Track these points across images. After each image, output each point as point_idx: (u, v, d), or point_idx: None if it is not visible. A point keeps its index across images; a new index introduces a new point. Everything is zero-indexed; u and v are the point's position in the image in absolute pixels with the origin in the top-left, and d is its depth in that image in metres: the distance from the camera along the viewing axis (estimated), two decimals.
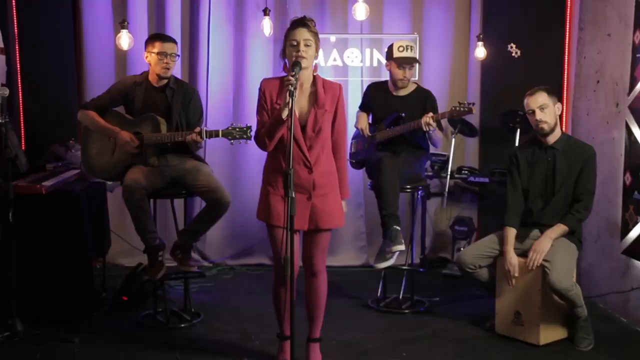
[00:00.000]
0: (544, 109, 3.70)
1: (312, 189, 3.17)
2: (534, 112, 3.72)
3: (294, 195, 2.91)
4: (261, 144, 3.19)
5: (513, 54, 5.14)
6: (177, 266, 4.10)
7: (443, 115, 4.11)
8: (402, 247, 3.98)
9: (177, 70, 4.97)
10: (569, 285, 3.58)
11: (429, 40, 5.37)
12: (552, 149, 3.78)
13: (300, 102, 3.17)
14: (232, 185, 4.82)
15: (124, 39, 4.70)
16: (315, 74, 3.24)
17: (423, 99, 4.29)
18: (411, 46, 4.24)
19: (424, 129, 4.05)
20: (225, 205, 3.89)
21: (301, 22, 3.13)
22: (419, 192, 4.48)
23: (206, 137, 3.78)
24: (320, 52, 5.15)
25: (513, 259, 3.72)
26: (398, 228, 3.98)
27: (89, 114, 3.99)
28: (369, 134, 4.36)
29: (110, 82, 4.94)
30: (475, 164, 5.43)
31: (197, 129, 3.79)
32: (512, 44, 5.14)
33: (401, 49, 4.22)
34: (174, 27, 5.17)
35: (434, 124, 4.05)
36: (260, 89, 3.23)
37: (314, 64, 3.20)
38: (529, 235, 3.82)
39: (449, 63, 5.41)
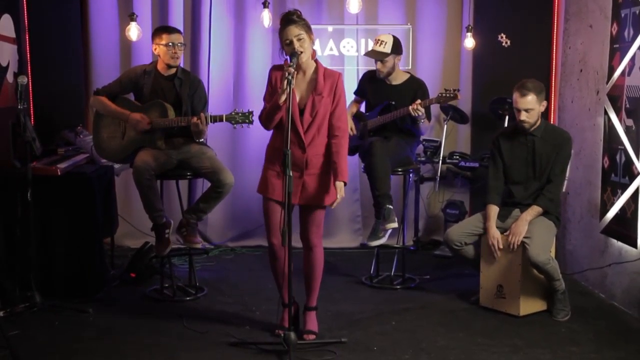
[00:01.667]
0: (530, 111, 3.93)
1: (305, 168, 3.44)
2: (519, 111, 3.94)
3: (291, 174, 3.20)
4: (263, 123, 3.51)
5: (503, 44, 5.32)
6: (182, 243, 4.33)
7: (430, 101, 4.32)
8: (395, 225, 4.19)
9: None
10: (545, 259, 3.81)
11: (422, 31, 5.52)
12: (531, 136, 4.01)
13: (301, 88, 3.43)
14: (233, 170, 4.94)
15: (133, 31, 4.90)
16: (315, 58, 3.46)
17: (414, 89, 4.46)
18: (382, 41, 4.40)
19: (413, 114, 4.26)
20: (229, 185, 4.10)
21: (289, 20, 3.35)
22: (410, 175, 4.68)
23: (211, 122, 3.99)
24: (318, 42, 5.39)
25: (496, 233, 3.96)
26: (390, 207, 4.20)
27: (100, 99, 4.19)
28: (354, 133, 4.55)
29: (116, 71, 5.22)
30: (467, 149, 5.60)
31: (202, 115, 3.99)
32: (502, 35, 5.32)
33: (375, 42, 4.44)
34: (177, 18, 5.32)
35: (422, 110, 4.25)
36: (269, 73, 3.50)
37: (311, 51, 3.44)
38: (510, 214, 4.06)
39: (441, 53, 5.56)
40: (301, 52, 3.33)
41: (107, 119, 4.23)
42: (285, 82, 3.23)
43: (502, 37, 5.34)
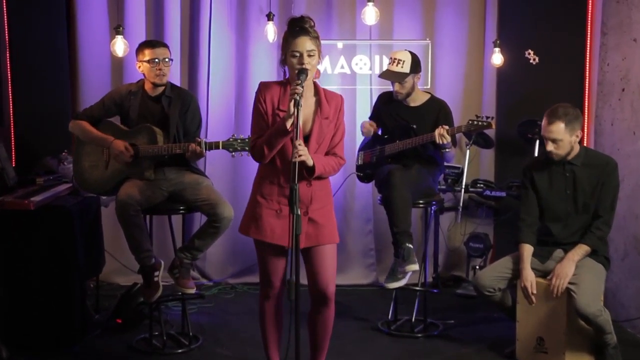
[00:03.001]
0: (558, 142, 3.46)
1: (310, 203, 2.96)
2: (546, 140, 3.50)
3: (299, 212, 2.70)
4: (258, 155, 2.95)
5: (531, 61, 4.94)
6: (174, 286, 3.85)
7: (459, 129, 3.89)
8: (416, 267, 3.77)
9: (176, 78, 4.86)
10: (597, 310, 3.32)
11: (442, 46, 5.15)
12: (570, 165, 3.54)
13: (304, 112, 2.94)
14: (234, 199, 4.64)
15: (119, 45, 4.49)
16: (315, 80, 3.00)
17: (436, 111, 4.05)
18: (398, 59, 3.98)
19: (437, 141, 3.82)
20: (227, 219, 3.68)
21: (302, 30, 2.87)
22: (432, 208, 4.25)
23: (206, 149, 3.59)
24: (327, 59, 5.03)
25: (529, 276, 3.49)
26: (411, 246, 3.77)
27: (80, 123, 3.80)
28: (375, 129, 4.18)
29: (107, 90, 4.73)
30: (491, 176, 5.21)
31: (198, 140, 3.58)
32: (529, 51, 4.94)
33: (390, 61, 4.03)
34: (173, 32, 4.97)
35: (449, 137, 3.81)
36: (258, 92, 2.98)
37: (316, 71, 2.99)
38: (551, 255, 3.58)
39: (462, 70, 5.19)
40: (308, 70, 2.86)
41: (89, 146, 3.83)
42: (292, 102, 2.75)
43: (529, 54, 4.95)
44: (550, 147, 3.48)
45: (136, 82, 3.85)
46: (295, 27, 2.86)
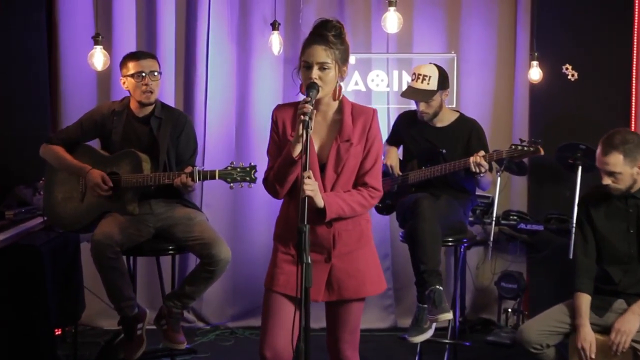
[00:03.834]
0: (616, 175, 3.00)
1: (332, 247, 2.53)
2: (602, 173, 3.05)
3: (309, 261, 2.22)
4: (271, 190, 2.57)
5: (569, 77, 4.55)
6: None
7: (499, 154, 3.41)
8: (450, 316, 3.29)
9: (169, 96, 4.46)
10: None
11: (468, 60, 4.74)
12: (634, 199, 3.07)
13: (320, 134, 2.54)
14: (234, 237, 4.28)
15: (98, 58, 4.05)
16: (339, 99, 2.56)
17: (467, 132, 3.62)
18: (423, 75, 3.54)
19: (473, 170, 3.37)
20: (224, 262, 3.27)
21: (320, 37, 2.46)
22: (463, 246, 3.78)
23: (200, 179, 3.14)
24: None
25: (588, 335, 2.99)
26: (441, 289, 3.29)
27: (53, 148, 3.39)
28: (399, 173, 3.71)
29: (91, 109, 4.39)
30: (523, 207, 4.75)
31: (188, 169, 3.14)
32: (567, 65, 4.55)
33: (413, 77, 3.59)
34: (167, 44, 4.59)
35: (486, 165, 3.35)
36: (272, 120, 2.62)
37: (337, 86, 2.53)
38: (610, 307, 3.07)
39: (491, 87, 4.79)
40: (319, 87, 2.46)
41: (63, 175, 3.40)
42: (301, 125, 2.32)
43: (567, 69, 4.56)
44: (606, 180, 3.03)
45: (120, 100, 3.44)
46: (314, 34, 2.47)
